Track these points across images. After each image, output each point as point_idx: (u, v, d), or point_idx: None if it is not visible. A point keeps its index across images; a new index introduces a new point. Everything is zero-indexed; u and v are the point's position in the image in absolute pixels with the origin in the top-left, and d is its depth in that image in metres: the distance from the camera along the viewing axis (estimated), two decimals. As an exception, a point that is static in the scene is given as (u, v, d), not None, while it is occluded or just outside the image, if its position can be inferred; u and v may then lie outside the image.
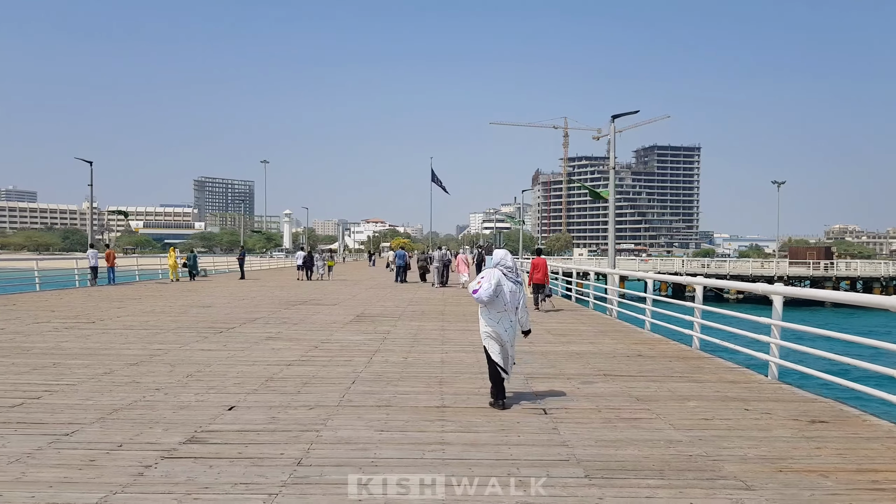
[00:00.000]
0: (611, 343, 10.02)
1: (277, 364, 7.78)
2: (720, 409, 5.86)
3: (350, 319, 12.80)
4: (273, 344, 9.39)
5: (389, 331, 11.06)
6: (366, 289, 23.23)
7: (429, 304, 16.82)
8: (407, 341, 9.83)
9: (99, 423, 5.15)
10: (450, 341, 9.86)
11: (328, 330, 11.09)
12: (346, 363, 7.90)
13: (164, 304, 15.81)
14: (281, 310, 14.57)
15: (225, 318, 12.62)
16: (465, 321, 12.65)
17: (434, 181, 58.96)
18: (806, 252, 67.38)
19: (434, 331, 11.15)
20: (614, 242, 15.30)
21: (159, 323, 11.77)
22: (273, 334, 10.42)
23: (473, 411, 5.63)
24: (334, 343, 9.58)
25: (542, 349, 9.26)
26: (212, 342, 9.50)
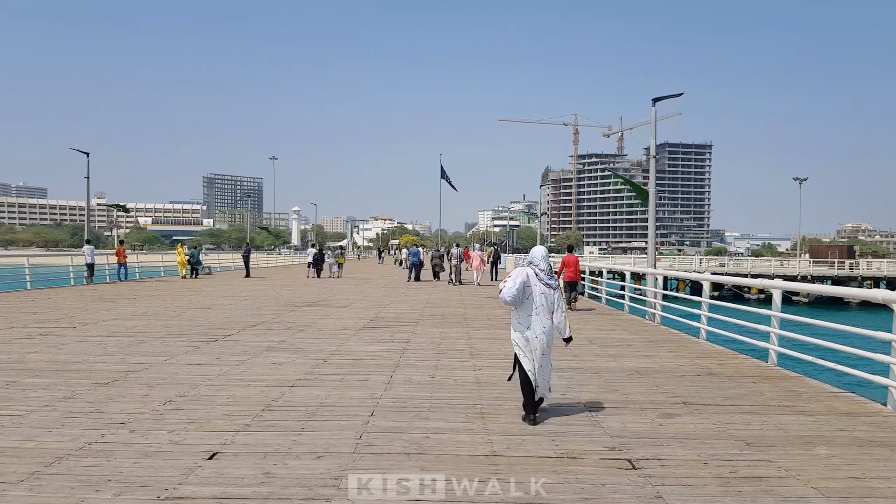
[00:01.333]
0: (669, 357, 8.54)
1: (278, 384, 6.38)
2: (864, 459, 4.39)
3: (363, 324, 11.40)
4: (274, 356, 7.99)
5: (409, 339, 9.64)
6: (377, 288, 21.84)
7: (447, 305, 15.39)
8: (430, 353, 8.41)
9: (29, 481, 3.76)
10: (480, 354, 8.42)
11: (339, 338, 9.69)
12: (361, 384, 6.49)
13: (160, 304, 14.48)
14: (286, 313, 13.18)
15: (223, 323, 11.25)
16: (491, 328, 11.21)
17: (443, 178, 58.71)
18: (827, 251, 65.20)
19: (459, 339, 9.72)
20: (654, 239, 13.73)
21: (148, 328, 10.41)
22: (275, 343, 9.03)
23: (535, 463, 4.20)
24: (346, 355, 8.16)
25: (592, 364, 7.80)
26: (203, 353, 8.11)
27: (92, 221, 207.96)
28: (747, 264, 61.38)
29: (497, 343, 9.30)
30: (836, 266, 54.15)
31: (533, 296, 5.18)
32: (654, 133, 13.67)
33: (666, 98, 13.66)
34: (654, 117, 13.57)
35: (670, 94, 13.61)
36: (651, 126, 13.56)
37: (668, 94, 13.63)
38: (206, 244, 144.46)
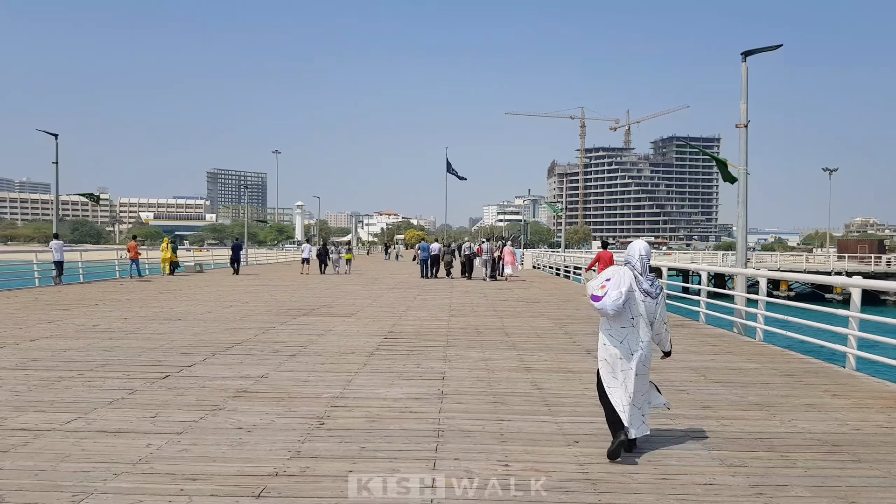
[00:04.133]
0: (845, 406, 5.63)
1: (234, 491, 3.53)
2: None
3: (376, 344, 8.54)
4: (244, 411, 5.13)
5: (443, 372, 6.77)
6: (388, 289, 18.96)
7: (476, 313, 12.51)
8: (483, 404, 5.51)
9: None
10: (559, 404, 5.53)
11: (343, 370, 6.82)
12: (386, 483, 3.63)
13: (121, 314, 11.65)
14: (276, 326, 10.33)
15: (189, 343, 8.41)
16: (549, 350, 8.34)
17: (449, 171, 57.98)
18: (856, 245, 62.02)
19: (514, 373, 6.84)
20: (745, 230, 10.66)
21: (83, 353, 7.58)
22: (251, 382, 6.16)
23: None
24: (355, 408, 5.29)
25: (744, 428, 4.91)
26: (135, 405, 5.27)
27: (94, 217, 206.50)
28: (771, 260, 58.35)
29: (573, 381, 6.42)
30: (871, 262, 51.02)
31: (634, 303, 4.12)
32: (745, 94, 10.65)
33: (759, 51, 10.70)
34: (745, 73, 10.62)
35: (764, 47, 10.64)
36: (741, 86, 10.59)
37: (760, 48, 10.66)
38: (209, 239, 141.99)
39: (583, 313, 12.90)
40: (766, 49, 10.70)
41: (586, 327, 10.58)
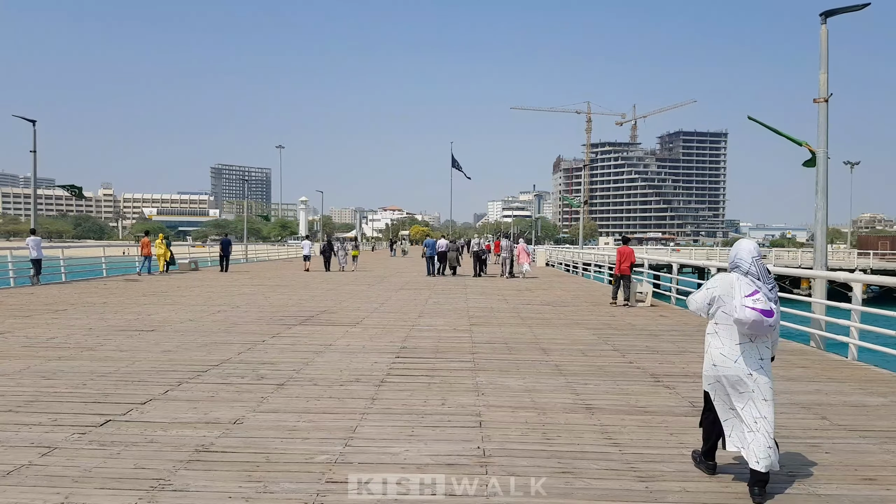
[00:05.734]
0: None
1: None
2: None
3: (387, 366, 6.86)
4: (192, 495, 3.44)
5: (479, 414, 5.06)
6: (396, 289, 17.27)
7: (500, 320, 10.81)
8: (544, 470, 3.80)
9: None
10: (655, 469, 3.85)
11: (345, 411, 5.13)
12: None
13: (88, 322, 10.01)
14: (267, 339, 8.65)
15: (150, 368, 6.72)
16: (602, 374, 6.64)
17: (454, 166, 57.47)
18: (877, 242, 59.98)
19: (574, 413, 5.13)
20: (824, 224, 8.84)
21: (7, 383, 5.91)
22: (216, 435, 4.46)
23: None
24: (359, 493, 3.59)
25: None
26: (40, 480, 3.59)
27: (98, 212, 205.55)
28: (788, 256, 56.44)
29: (658, 430, 4.72)
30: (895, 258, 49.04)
31: (739, 313, 3.37)
32: (826, 62, 8.85)
33: (844, 11, 8.95)
34: (826, 38, 8.85)
35: (849, 7, 8.86)
36: (821, 53, 8.81)
37: (845, 7, 8.89)
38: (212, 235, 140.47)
39: (620, 320, 11.20)
40: (851, 9, 8.92)
41: (635, 341, 8.89)
